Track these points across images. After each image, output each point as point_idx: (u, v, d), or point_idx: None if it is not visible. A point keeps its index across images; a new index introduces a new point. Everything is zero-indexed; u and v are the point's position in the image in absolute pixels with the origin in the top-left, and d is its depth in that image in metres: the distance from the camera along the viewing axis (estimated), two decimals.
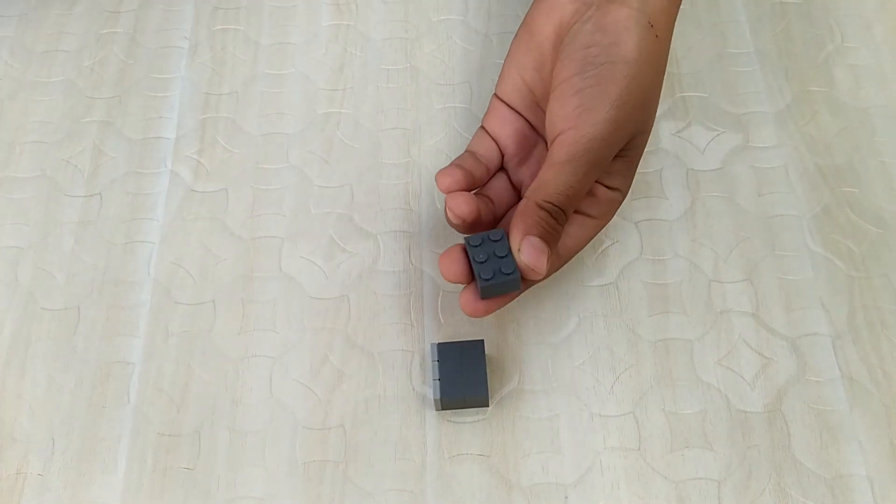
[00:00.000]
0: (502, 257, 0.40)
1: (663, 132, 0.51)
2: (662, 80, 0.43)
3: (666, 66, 0.43)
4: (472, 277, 0.41)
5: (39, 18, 0.57)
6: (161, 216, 0.49)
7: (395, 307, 0.46)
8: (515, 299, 0.44)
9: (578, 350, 0.45)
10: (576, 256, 0.47)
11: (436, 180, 0.43)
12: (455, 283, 0.41)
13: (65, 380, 0.44)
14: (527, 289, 0.43)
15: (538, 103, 0.45)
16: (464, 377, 0.42)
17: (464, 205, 0.42)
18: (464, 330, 0.45)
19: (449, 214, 0.42)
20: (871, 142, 0.51)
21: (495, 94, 0.46)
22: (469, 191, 0.43)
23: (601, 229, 0.44)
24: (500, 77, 0.46)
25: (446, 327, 0.45)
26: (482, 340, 0.43)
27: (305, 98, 0.53)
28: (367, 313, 0.46)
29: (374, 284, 0.47)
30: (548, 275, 0.42)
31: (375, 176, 0.50)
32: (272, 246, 0.48)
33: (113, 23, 0.56)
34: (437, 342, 0.44)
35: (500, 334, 0.45)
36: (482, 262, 0.40)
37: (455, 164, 0.44)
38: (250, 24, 0.56)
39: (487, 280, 0.40)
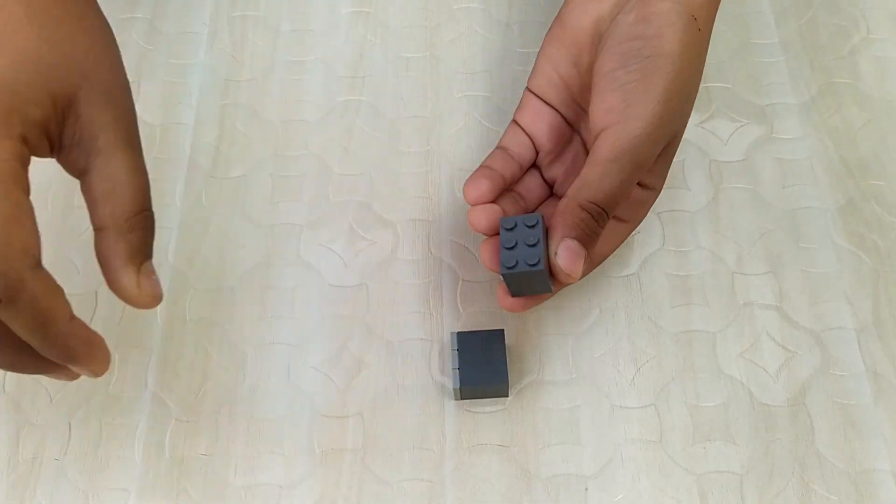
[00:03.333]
0: (531, 246, 0.39)
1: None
2: (701, 73, 0.42)
3: (705, 59, 0.42)
4: None
5: None
6: (180, 202, 0.49)
7: (414, 296, 0.46)
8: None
9: (599, 341, 0.44)
10: None
11: (463, 192, 0.42)
12: (493, 271, 0.41)
13: None
14: (560, 289, 0.42)
15: (574, 98, 0.44)
16: (483, 367, 0.42)
17: (483, 220, 0.41)
18: (483, 319, 0.45)
19: (470, 226, 0.42)
20: None
21: (528, 89, 0.45)
22: (499, 193, 0.43)
23: (631, 233, 0.44)
24: (532, 71, 0.45)
25: (465, 317, 0.45)
26: (502, 330, 0.43)
27: (325, 85, 0.53)
28: (386, 302, 0.46)
29: (394, 273, 0.46)
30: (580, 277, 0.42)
31: (395, 164, 0.50)
32: (291, 233, 0.48)
33: (132, 8, 0.56)
34: (456, 331, 0.43)
35: (521, 324, 0.45)
36: (509, 249, 0.39)
37: (485, 165, 0.43)
38: (270, 10, 0.56)
39: (509, 269, 0.39)
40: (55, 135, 0.32)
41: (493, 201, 0.42)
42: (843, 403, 0.42)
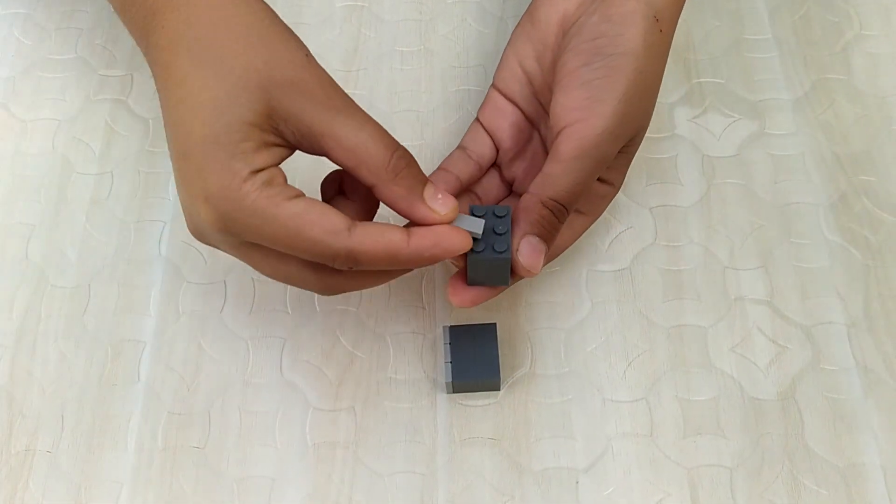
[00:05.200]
0: (499, 234, 0.39)
1: (679, 118, 0.51)
2: (663, 74, 0.42)
3: (667, 60, 0.42)
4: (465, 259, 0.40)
5: None
6: (173, 195, 0.49)
7: (406, 290, 0.46)
8: (522, 285, 0.44)
9: (591, 335, 0.44)
10: (589, 241, 0.47)
11: None
12: (452, 261, 0.41)
13: (75, 357, 0.44)
14: (513, 283, 0.42)
15: (536, 94, 0.44)
16: (476, 360, 0.42)
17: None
18: (476, 313, 0.45)
19: None
20: (889, 130, 0.50)
21: (493, 85, 0.45)
22: (454, 196, 0.42)
23: (591, 225, 0.44)
24: (499, 66, 0.45)
25: (458, 311, 0.45)
26: (494, 324, 0.43)
27: None
28: (378, 295, 0.46)
29: None
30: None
31: None
32: None
33: None
34: (449, 325, 0.43)
35: (513, 318, 0.45)
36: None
37: (441, 168, 0.44)
38: None
39: (477, 253, 0.39)
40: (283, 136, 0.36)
41: None
42: (833, 398, 0.43)
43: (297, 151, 0.38)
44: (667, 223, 0.48)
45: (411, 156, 0.37)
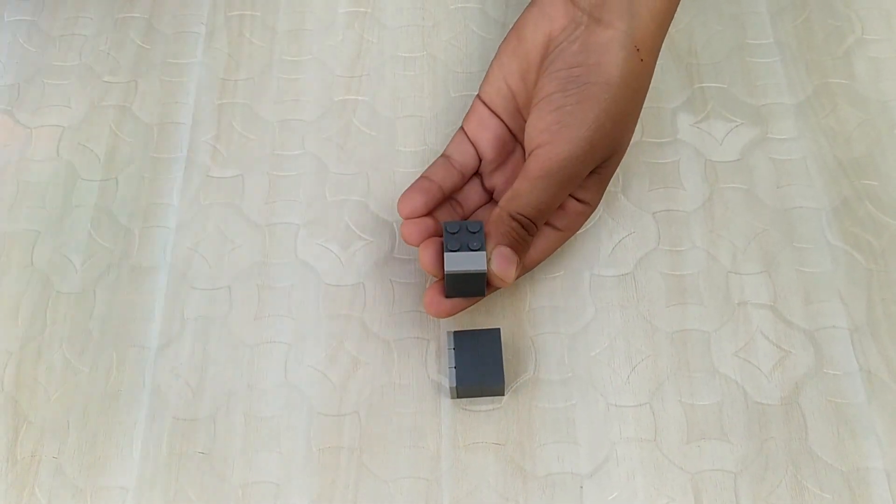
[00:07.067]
0: (474, 250, 0.40)
1: (682, 123, 0.51)
2: (643, 101, 0.43)
3: (648, 87, 0.43)
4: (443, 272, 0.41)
5: (56, 2, 0.56)
6: (177, 201, 0.49)
7: (410, 295, 0.46)
8: (526, 290, 0.44)
9: (595, 340, 0.45)
10: (592, 246, 0.47)
11: (397, 206, 0.44)
12: (430, 273, 0.42)
13: (81, 363, 0.44)
14: (489, 293, 0.43)
15: (520, 110, 0.45)
16: (479, 365, 0.42)
17: (416, 233, 0.42)
18: (479, 319, 0.45)
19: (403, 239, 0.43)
20: (892, 135, 0.50)
21: (478, 96, 0.46)
22: (435, 205, 0.44)
23: (566, 241, 0.45)
24: (485, 79, 0.46)
25: (461, 316, 0.45)
26: (498, 329, 0.43)
27: (322, 85, 0.53)
28: (382, 301, 0.46)
29: (390, 272, 0.47)
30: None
31: (391, 163, 0.50)
32: (288, 232, 0.48)
33: (130, 7, 0.56)
34: (453, 330, 0.43)
35: (516, 323, 0.45)
36: (454, 251, 0.41)
37: (424, 176, 0.45)
38: (267, 10, 0.56)
39: (455, 269, 0.40)
40: None
41: (428, 213, 0.43)
42: (837, 402, 0.43)
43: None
44: (669, 228, 0.48)
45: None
